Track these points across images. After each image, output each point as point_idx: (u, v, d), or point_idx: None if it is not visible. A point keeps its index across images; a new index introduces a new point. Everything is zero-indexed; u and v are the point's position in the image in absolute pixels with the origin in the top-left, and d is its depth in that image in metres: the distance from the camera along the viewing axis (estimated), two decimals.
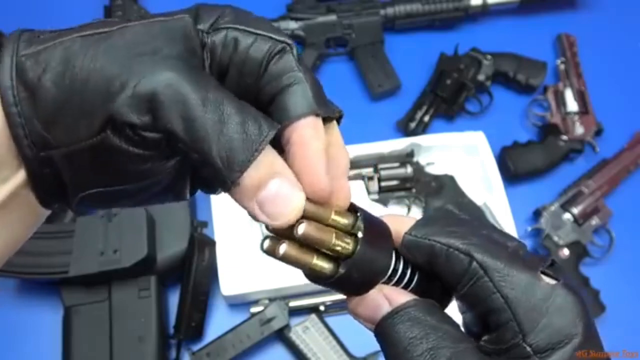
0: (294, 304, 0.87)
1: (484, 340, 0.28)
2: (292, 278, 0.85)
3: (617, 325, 0.90)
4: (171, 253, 0.85)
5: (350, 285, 0.29)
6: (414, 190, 0.94)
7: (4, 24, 1.11)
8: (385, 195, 0.94)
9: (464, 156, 0.98)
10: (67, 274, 0.79)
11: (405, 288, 0.30)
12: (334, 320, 0.87)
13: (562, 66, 1.07)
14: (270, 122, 0.26)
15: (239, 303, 0.89)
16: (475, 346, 0.28)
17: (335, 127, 0.29)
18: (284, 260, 0.27)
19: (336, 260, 0.28)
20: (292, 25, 1.09)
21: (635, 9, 1.18)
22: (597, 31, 1.14)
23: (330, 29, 1.09)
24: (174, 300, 0.88)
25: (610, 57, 1.12)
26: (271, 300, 0.86)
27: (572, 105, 1.03)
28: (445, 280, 0.29)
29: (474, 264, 0.28)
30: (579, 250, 0.93)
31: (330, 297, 0.87)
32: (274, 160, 0.26)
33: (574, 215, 0.95)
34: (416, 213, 0.95)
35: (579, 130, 1.02)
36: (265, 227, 0.28)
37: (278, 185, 0.25)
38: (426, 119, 1.02)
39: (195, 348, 0.84)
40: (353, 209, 0.29)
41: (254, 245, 0.91)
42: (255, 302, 0.87)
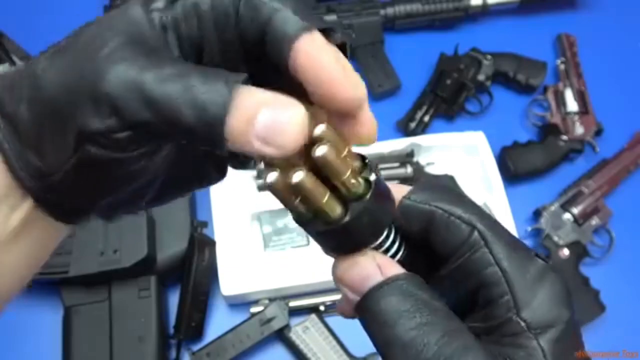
0: (294, 304, 0.87)
1: (468, 320, 0.27)
2: (292, 278, 0.85)
3: (617, 325, 0.90)
4: (171, 253, 0.85)
5: (349, 238, 0.27)
6: None
7: (4, 24, 1.11)
8: None
9: (464, 156, 0.98)
10: (67, 274, 0.79)
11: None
12: (334, 320, 0.87)
13: (562, 66, 1.07)
14: (237, 74, 0.24)
15: (239, 303, 0.89)
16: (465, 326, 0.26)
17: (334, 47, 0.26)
18: (298, 189, 0.25)
19: (344, 205, 0.26)
20: None
21: (635, 9, 1.18)
22: (597, 31, 1.14)
23: None
24: (174, 300, 0.88)
25: (610, 57, 1.12)
26: (271, 300, 0.86)
27: (572, 105, 1.03)
28: (440, 250, 0.28)
29: (476, 233, 0.27)
30: (579, 250, 0.93)
31: (330, 297, 0.87)
32: (251, 96, 0.23)
33: (574, 215, 0.95)
34: None
35: (579, 130, 1.02)
36: (263, 163, 0.25)
37: (269, 114, 0.23)
38: (426, 119, 1.02)
39: (195, 348, 0.84)
40: (361, 156, 0.27)
41: (254, 245, 0.91)
42: (255, 302, 0.87)
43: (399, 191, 0.29)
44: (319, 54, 0.24)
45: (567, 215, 0.95)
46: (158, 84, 0.23)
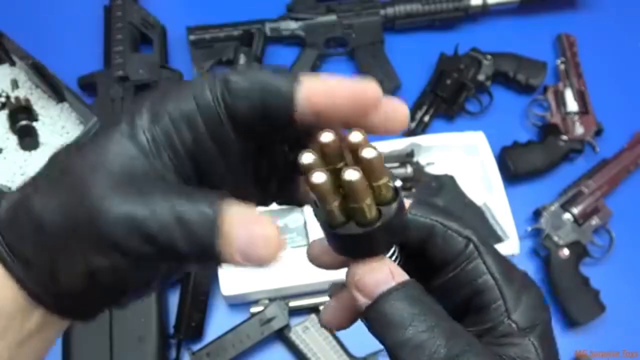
0: (294, 304, 0.87)
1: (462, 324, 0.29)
2: (292, 278, 0.85)
3: (617, 325, 0.90)
4: None
5: (372, 242, 0.28)
6: (414, 190, 0.94)
7: (4, 24, 1.11)
8: None
9: (464, 156, 0.98)
10: None
11: None
12: None
13: (562, 66, 1.07)
14: (217, 193, 0.26)
15: (239, 303, 0.89)
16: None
17: None
18: (349, 187, 0.25)
19: (377, 210, 0.27)
20: (292, 25, 1.09)
21: (635, 9, 1.18)
22: (597, 31, 1.14)
23: (330, 29, 1.09)
24: (174, 300, 0.88)
25: (610, 57, 1.12)
26: (271, 300, 0.86)
27: (572, 105, 1.03)
28: (437, 260, 0.30)
29: (471, 245, 0.30)
30: (579, 250, 0.93)
31: None
32: (232, 218, 0.25)
33: (574, 215, 0.95)
34: None
35: (579, 130, 1.02)
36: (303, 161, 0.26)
37: (245, 233, 0.25)
38: (426, 119, 1.02)
39: (195, 348, 0.84)
40: None
41: None
42: (255, 302, 0.87)
43: None
44: (324, 83, 0.27)
45: (567, 215, 0.95)
46: (152, 218, 0.25)
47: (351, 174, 0.25)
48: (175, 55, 1.08)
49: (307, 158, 0.26)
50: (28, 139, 0.90)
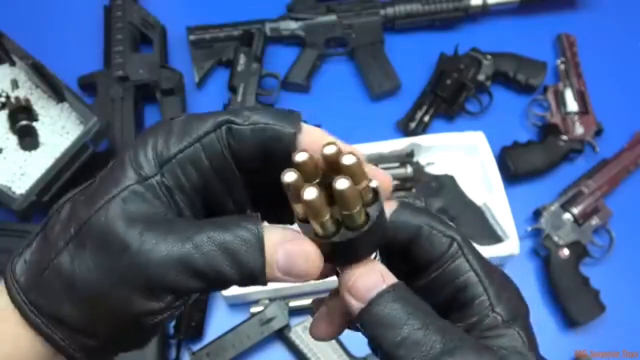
0: (294, 304, 0.87)
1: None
2: None
3: (617, 325, 0.90)
4: None
5: (360, 246, 0.28)
6: (414, 190, 0.94)
7: (4, 24, 1.11)
8: None
9: (464, 156, 0.98)
10: None
11: None
12: None
13: (562, 66, 1.07)
14: (252, 216, 0.28)
15: (239, 303, 0.89)
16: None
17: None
18: (340, 196, 0.26)
19: (365, 212, 0.28)
20: (292, 25, 1.09)
21: (635, 9, 1.18)
22: (597, 31, 1.14)
23: (330, 29, 1.09)
24: None
25: (610, 57, 1.12)
26: (271, 300, 0.86)
27: (572, 105, 1.03)
28: (422, 260, 0.31)
29: (455, 244, 0.31)
30: (579, 250, 0.93)
31: None
32: (272, 242, 0.28)
33: (574, 215, 0.95)
34: None
35: (579, 130, 1.02)
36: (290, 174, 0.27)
37: (285, 255, 0.28)
38: (426, 119, 1.02)
39: (195, 348, 0.84)
40: None
41: None
42: (255, 302, 0.87)
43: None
44: (324, 137, 0.29)
45: (567, 215, 0.95)
46: (196, 253, 0.27)
47: (342, 183, 0.26)
48: (175, 55, 1.09)
49: (290, 177, 0.27)
50: (28, 139, 0.90)
